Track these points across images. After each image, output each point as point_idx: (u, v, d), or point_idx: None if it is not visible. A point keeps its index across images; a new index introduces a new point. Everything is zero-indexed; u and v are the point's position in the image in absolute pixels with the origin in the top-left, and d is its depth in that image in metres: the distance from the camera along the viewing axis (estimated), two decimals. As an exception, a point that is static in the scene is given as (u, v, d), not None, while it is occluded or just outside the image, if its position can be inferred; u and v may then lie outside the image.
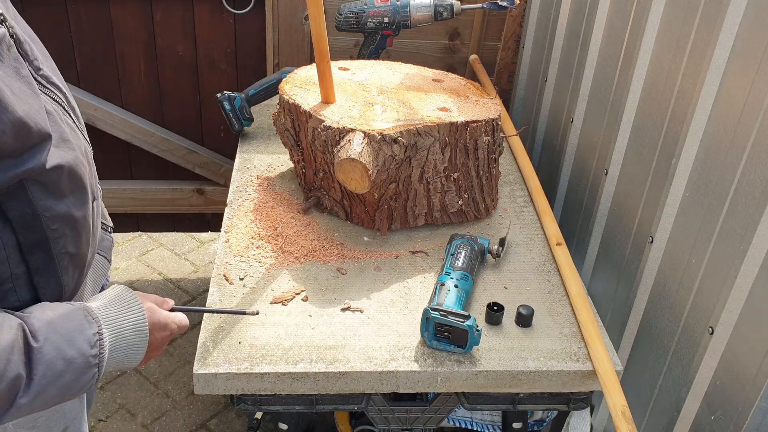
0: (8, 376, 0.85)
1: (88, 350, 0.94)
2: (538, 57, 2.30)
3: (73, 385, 0.93)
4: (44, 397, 0.90)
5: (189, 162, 2.58)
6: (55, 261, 0.95)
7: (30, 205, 0.89)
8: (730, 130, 1.23)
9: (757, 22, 1.17)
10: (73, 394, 0.95)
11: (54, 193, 0.92)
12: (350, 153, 1.42)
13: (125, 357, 1.01)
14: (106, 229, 1.23)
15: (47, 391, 0.90)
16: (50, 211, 0.92)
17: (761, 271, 1.13)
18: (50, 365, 0.89)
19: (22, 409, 0.88)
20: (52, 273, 0.96)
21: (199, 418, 2.35)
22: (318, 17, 1.47)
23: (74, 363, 0.92)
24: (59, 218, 0.94)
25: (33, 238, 0.91)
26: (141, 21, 2.33)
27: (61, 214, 0.94)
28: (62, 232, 0.95)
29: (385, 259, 1.56)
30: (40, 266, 0.94)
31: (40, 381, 0.88)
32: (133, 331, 1.01)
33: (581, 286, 1.49)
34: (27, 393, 0.87)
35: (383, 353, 1.30)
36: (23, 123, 0.84)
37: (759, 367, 1.12)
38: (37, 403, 0.90)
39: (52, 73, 0.97)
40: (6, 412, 0.87)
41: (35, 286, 0.95)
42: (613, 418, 1.20)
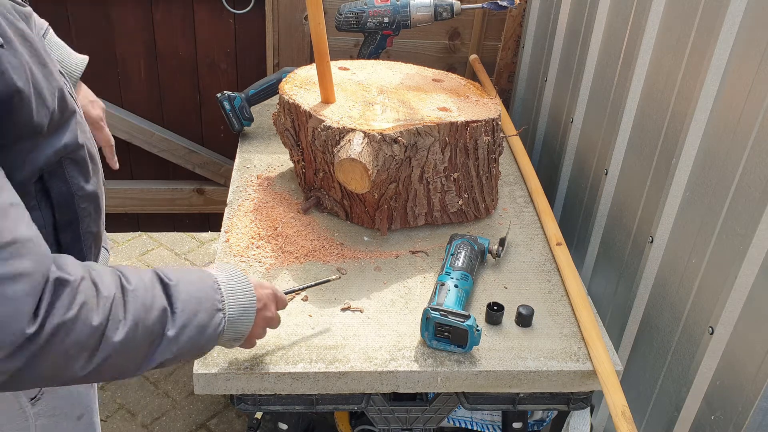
0: (156, 306, 0.90)
1: (213, 295, 0.99)
2: (538, 57, 2.30)
3: (206, 327, 0.97)
4: (186, 335, 0.94)
5: (189, 162, 2.58)
6: (81, 240, 1.00)
7: (66, 184, 0.94)
8: (730, 130, 1.23)
9: (757, 22, 1.17)
10: (205, 341, 0.98)
11: (83, 172, 0.97)
12: (350, 153, 1.42)
13: (239, 316, 1.04)
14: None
15: (187, 328, 0.94)
16: (82, 190, 0.97)
17: (761, 271, 1.13)
18: (186, 302, 0.95)
19: (170, 344, 0.92)
20: (79, 252, 1.01)
21: (199, 418, 2.35)
22: (318, 17, 1.47)
23: (204, 303, 0.97)
24: (87, 197, 0.99)
25: (66, 217, 0.96)
26: (141, 21, 2.33)
27: (89, 193, 0.99)
28: (88, 212, 1.00)
29: (385, 259, 1.56)
30: (69, 245, 0.99)
31: (181, 315, 0.93)
32: (242, 291, 1.05)
33: (581, 286, 1.49)
34: (173, 325, 0.92)
35: (383, 353, 1.30)
36: (63, 92, 0.90)
37: (759, 367, 1.12)
38: (180, 341, 0.93)
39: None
40: (158, 346, 0.91)
41: None
42: (613, 418, 1.20)
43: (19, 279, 0.76)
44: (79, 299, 0.81)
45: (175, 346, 0.93)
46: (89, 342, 0.83)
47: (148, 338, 0.90)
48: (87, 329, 0.82)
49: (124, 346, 0.86)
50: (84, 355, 0.83)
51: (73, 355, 0.82)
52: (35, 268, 0.78)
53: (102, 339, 0.84)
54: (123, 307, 0.87)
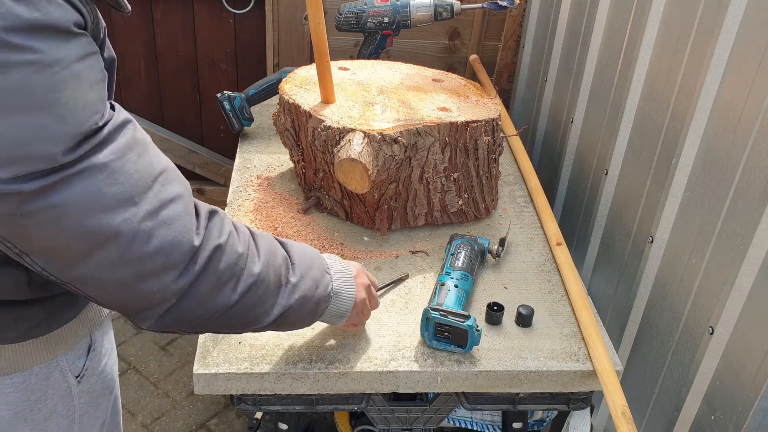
0: (279, 253, 1.00)
1: (320, 260, 1.10)
2: (538, 57, 2.30)
3: (319, 284, 1.07)
4: (304, 284, 1.03)
5: (189, 162, 2.58)
6: None
7: None
8: (730, 130, 1.23)
9: (757, 22, 1.16)
10: (318, 299, 1.07)
11: None
12: (350, 153, 1.42)
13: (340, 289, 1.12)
14: None
15: (305, 279, 1.03)
16: None
17: (761, 271, 1.13)
18: (301, 258, 1.04)
19: (294, 290, 1.01)
20: None
21: (199, 418, 2.35)
22: (318, 17, 1.47)
23: (315, 262, 1.08)
24: None
25: None
26: (141, 21, 2.33)
27: None
28: None
29: (385, 259, 1.56)
30: None
31: (299, 266, 1.03)
32: (341, 270, 1.14)
33: (581, 286, 1.49)
34: (293, 273, 1.02)
35: (383, 353, 1.30)
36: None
37: (759, 367, 1.12)
38: (300, 291, 1.02)
39: None
40: (284, 289, 1.00)
41: None
42: (613, 418, 1.20)
43: (178, 200, 0.84)
44: (227, 228, 0.91)
45: (298, 293, 1.01)
46: (236, 268, 0.91)
47: (277, 279, 0.98)
48: (234, 255, 0.90)
49: (261, 279, 0.95)
50: (233, 280, 0.91)
51: (224, 280, 0.90)
52: (184, 190, 0.87)
53: (245, 267, 0.92)
54: (256, 245, 0.96)
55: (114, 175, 0.77)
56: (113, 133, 0.79)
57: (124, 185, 0.78)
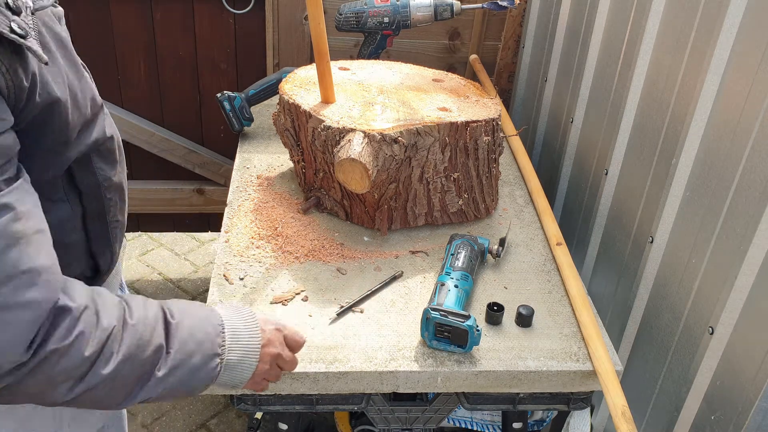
0: (153, 344, 0.91)
1: (214, 338, 0.99)
2: (538, 57, 2.30)
3: (199, 371, 0.97)
4: (176, 376, 0.94)
5: (189, 162, 2.58)
6: (108, 229, 1.03)
7: (94, 175, 0.97)
8: (730, 130, 1.23)
9: (757, 22, 1.17)
10: (196, 384, 0.98)
11: (110, 163, 1.01)
12: (350, 153, 1.42)
13: (239, 362, 1.03)
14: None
15: (179, 369, 0.94)
16: (108, 181, 1.00)
17: (761, 271, 1.13)
18: (184, 343, 0.94)
19: (158, 384, 0.92)
20: (107, 240, 1.04)
21: (199, 418, 2.35)
22: (318, 17, 1.47)
23: (203, 346, 0.97)
24: (113, 188, 1.02)
25: (94, 207, 0.99)
26: (141, 21, 2.33)
27: (115, 183, 1.02)
28: (115, 201, 1.03)
29: (385, 259, 1.56)
30: (98, 234, 1.01)
31: (175, 356, 0.93)
32: (248, 337, 1.04)
33: (581, 286, 1.49)
34: (164, 366, 0.92)
35: (383, 353, 1.30)
36: (93, 92, 0.94)
37: (759, 367, 1.12)
38: (169, 382, 0.93)
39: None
40: (145, 384, 0.92)
41: (93, 253, 1.02)
42: (613, 418, 1.20)
43: (27, 307, 0.77)
44: (78, 328, 0.83)
45: (163, 385, 0.93)
46: (77, 371, 0.84)
47: (137, 374, 0.91)
48: (78, 359, 0.83)
49: (110, 380, 0.87)
50: (69, 383, 0.85)
51: (58, 382, 0.84)
52: (44, 297, 0.79)
53: (90, 370, 0.85)
54: (119, 341, 0.88)
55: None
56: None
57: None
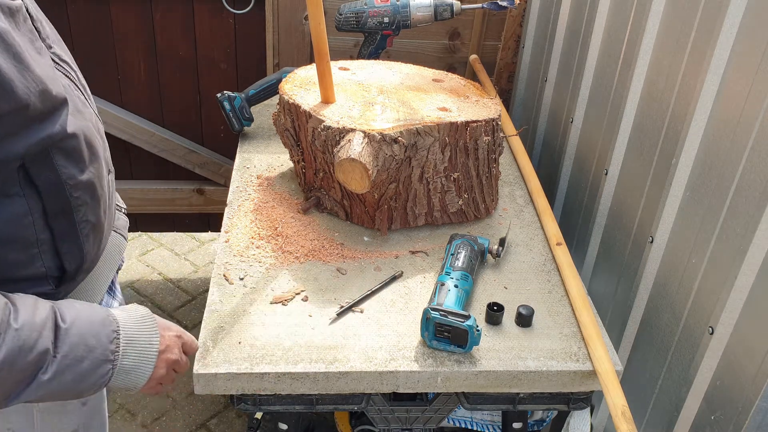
0: (38, 348, 0.91)
1: (107, 344, 1.00)
2: (538, 57, 2.30)
3: (88, 376, 0.98)
4: (61, 380, 0.95)
5: (189, 162, 2.58)
6: (77, 228, 1.02)
7: (55, 172, 0.95)
8: (730, 130, 1.23)
9: (757, 22, 1.17)
10: (85, 388, 0.99)
11: (76, 162, 0.98)
12: (350, 153, 1.42)
13: (134, 368, 1.04)
14: (120, 209, 1.29)
15: (66, 374, 0.95)
16: (73, 179, 0.98)
17: (761, 271, 1.13)
18: (73, 348, 0.95)
19: (40, 387, 0.93)
20: (75, 240, 1.02)
21: (199, 418, 2.35)
22: (318, 17, 1.47)
23: (94, 352, 0.98)
24: (81, 187, 1.00)
25: (57, 205, 0.97)
26: (141, 21, 2.33)
27: (83, 182, 1.00)
28: (84, 200, 1.01)
29: (385, 259, 1.56)
30: (64, 233, 1.00)
31: (62, 361, 0.94)
32: (145, 343, 1.06)
33: (581, 286, 1.49)
34: (49, 370, 0.93)
35: (383, 353, 1.30)
36: (45, 85, 0.91)
37: (759, 367, 1.12)
38: (53, 386, 0.94)
39: (63, 53, 1.03)
40: (26, 387, 0.92)
41: (59, 252, 1.01)
42: (613, 418, 1.20)
43: None
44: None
45: (46, 388, 0.94)
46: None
47: (17, 378, 0.91)
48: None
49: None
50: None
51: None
52: None
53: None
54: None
55: None
56: None
57: None
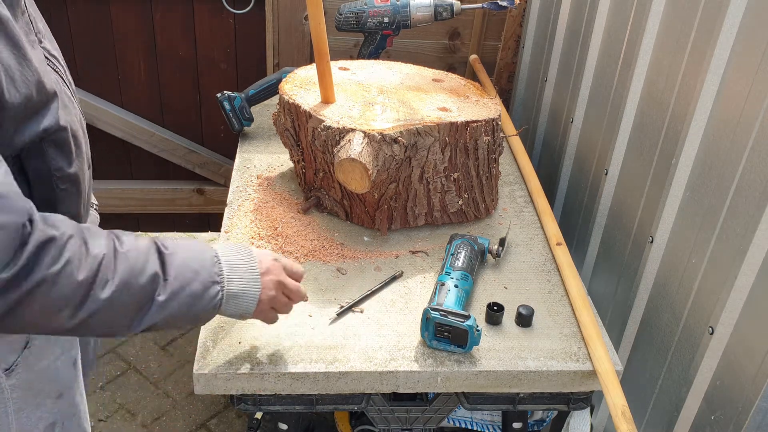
0: (148, 271, 0.96)
1: (210, 267, 1.05)
2: (538, 57, 2.30)
3: (200, 298, 1.03)
4: (178, 302, 1.00)
5: (189, 162, 2.58)
6: None
7: (46, 164, 0.97)
8: (730, 130, 1.23)
9: (757, 22, 1.17)
10: (200, 311, 1.04)
11: (66, 154, 1.00)
12: (350, 153, 1.42)
13: (241, 292, 1.09)
14: (93, 206, 1.30)
15: (180, 295, 1.00)
16: (61, 171, 0.99)
17: (761, 271, 1.13)
18: (180, 271, 1.00)
19: (160, 309, 0.98)
20: None
21: (199, 418, 2.35)
22: (318, 17, 1.47)
23: (201, 274, 1.03)
24: (67, 179, 1.01)
25: (44, 196, 0.99)
26: (141, 21, 2.33)
27: (70, 175, 1.01)
28: (69, 193, 1.03)
29: (385, 259, 1.56)
30: None
31: (173, 283, 0.99)
32: (246, 268, 1.10)
33: (581, 286, 1.49)
34: (163, 292, 0.98)
35: (383, 353, 1.30)
36: (40, 77, 0.92)
37: (759, 367, 1.12)
38: (172, 307, 0.99)
39: (52, 47, 1.04)
40: (148, 310, 0.97)
41: None
42: (613, 418, 1.20)
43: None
44: (65, 255, 0.87)
45: (165, 311, 0.98)
46: (74, 296, 0.89)
47: (137, 300, 0.95)
48: (72, 284, 0.88)
49: (110, 304, 0.92)
50: (69, 308, 0.89)
51: (58, 307, 0.88)
52: (7, 222, 0.82)
53: (88, 295, 0.90)
54: (112, 268, 0.92)
55: None
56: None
57: None
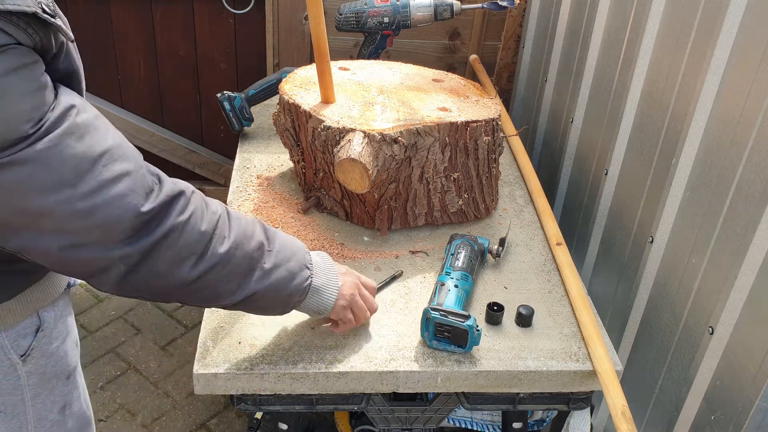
0: (256, 238, 1.05)
1: (303, 254, 1.14)
2: (538, 57, 2.30)
3: (294, 276, 1.10)
4: (278, 273, 1.07)
5: (189, 162, 2.58)
6: None
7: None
8: (730, 130, 1.23)
9: (757, 22, 1.17)
10: (292, 290, 1.11)
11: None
12: (350, 153, 1.42)
13: (323, 286, 1.17)
14: None
15: (280, 268, 1.08)
16: None
17: (761, 271, 1.13)
18: (281, 248, 1.09)
19: (264, 276, 1.05)
20: None
21: (199, 418, 2.35)
22: (318, 17, 1.47)
23: (296, 255, 1.12)
24: None
25: None
26: (141, 21, 2.33)
27: None
28: None
29: (385, 259, 1.56)
30: None
31: (277, 255, 1.07)
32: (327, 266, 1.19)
33: (581, 286, 1.49)
34: (269, 259, 1.06)
35: (383, 353, 1.30)
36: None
37: (759, 367, 1.12)
38: (273, 277, 1.06)
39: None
40: (254, 273, 1.04)
41: None
42: (613, 418, 1.20)
43: (122, 179, 0.88)
44: (191, 207, 0.95)
45: (268, 280, 1.05)
46: (197, 246, 0.96)
47: (247, 262, 1.02)
48: (195, 234, 0.95)
49: (226, 260, 0.99)
50: (192, 258, 0.96)
51: (183, 256, 0.95)
52: (133, 166, 0.90)
53: (208, 247, 0.97)
54: (228, 226, 1.00)
55: (49, 163, 0.82)
56: (51, 126, 0.82)
57: (60, 170, 0.83)
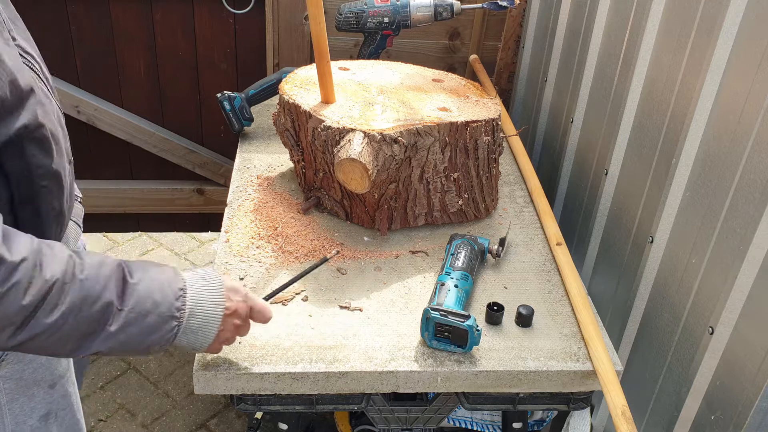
0: (102, 300, 0.96)
1: (173, 301, 1.03)
2: (538, 57, 2.30)
3: (154, 331, 1.01)
4: (128, 333, 0.99)
5: (189, 162, 2.58)
6: (42, 216, 1.03)
7: (25, 161, 0.97)
8: (730, 130, 1.23)
9: (757, 22, 1.17)
10: (152, 343, 1.02)
11: (46, 151, 1.00)
12: (350, 153, 1.42)
13: (199, 328, 1.07)
14: (77, 198, 1.30)
15: (132, 327, 0.99)
16: (42, 168, 1.00)
17: (761, 271, 1.13)
18: (139, 302, 0.99)
19: (108, 338, 0.98)
20: (38, 227, 1.03)
21: (199, 418, 2.35)
22: (318, 17, 1.47)
23: (160, 307, 1.01)
24: (49, 175, 1.01)
25: (25, 192, 0.99)
26: (141, 21, 2.33)
27: (51, 171, 1.01)
28: (50, 189, 1.03)
29: (385, 259, 1.56)
30: (28, 220, 1.02)
31: (128, 314, 0.98)
32: (211, 304, 1.09)
33: (581, 286, 1.49)
34: (116, 321, 0.97)
35: (383, 353, 1.30)
36: (14, 76, 0.92)
37: (759, 367, 1.12)
38: (121, 338, 0.99)
39: (27, 44, 1.03)
40: (96, 338, 0.97)
41: None
42: (613, 418, 1.20)
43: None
44: (13, 279, 0.88)
45: (114, 340, 0.98)
46: (16, 318, 0.89)
47: (85, 328, 0.95)
48: (15, 307, 0.88)
49: (55, 329, 0.92)
50: (10, 329, 0.90)
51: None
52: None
53: (31, 318, 0.90)
54: (64, 293, 0.93)
55: None
56: None
57: None
